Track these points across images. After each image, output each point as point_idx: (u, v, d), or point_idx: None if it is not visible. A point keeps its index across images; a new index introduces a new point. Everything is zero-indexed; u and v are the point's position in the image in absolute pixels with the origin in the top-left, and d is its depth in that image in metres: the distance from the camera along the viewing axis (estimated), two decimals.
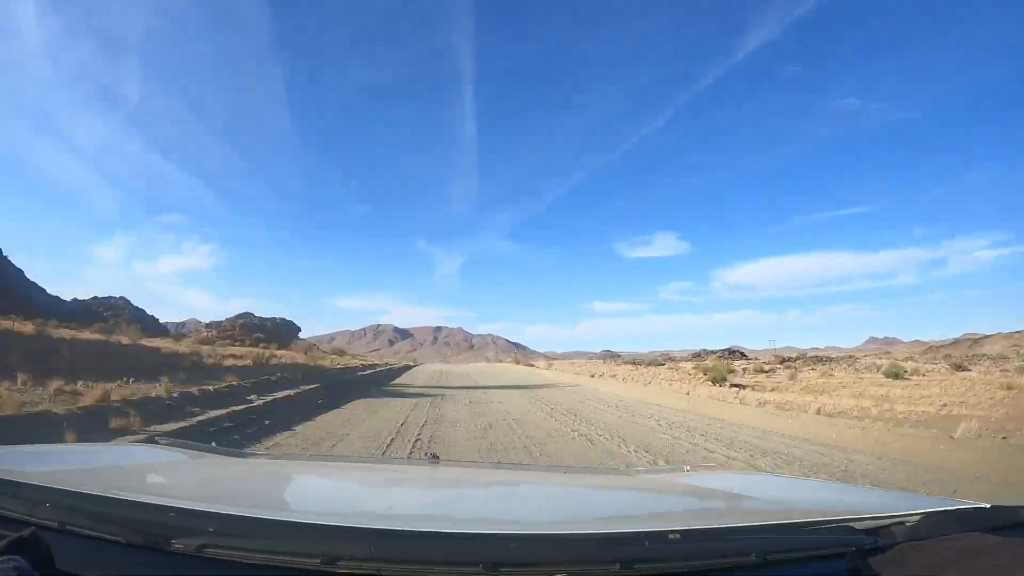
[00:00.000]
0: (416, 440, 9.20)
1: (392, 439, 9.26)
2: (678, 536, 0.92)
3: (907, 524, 1.01)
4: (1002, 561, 0.85)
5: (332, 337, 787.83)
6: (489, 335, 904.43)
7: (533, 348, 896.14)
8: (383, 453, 6.93)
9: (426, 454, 2.18)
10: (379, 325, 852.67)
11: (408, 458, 5.75)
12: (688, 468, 2.14)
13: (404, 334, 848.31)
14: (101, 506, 0.96)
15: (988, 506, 1.10)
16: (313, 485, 1.66)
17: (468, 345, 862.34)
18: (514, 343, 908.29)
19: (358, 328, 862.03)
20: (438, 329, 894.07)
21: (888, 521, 1.02)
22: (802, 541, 0.97)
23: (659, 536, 0.92)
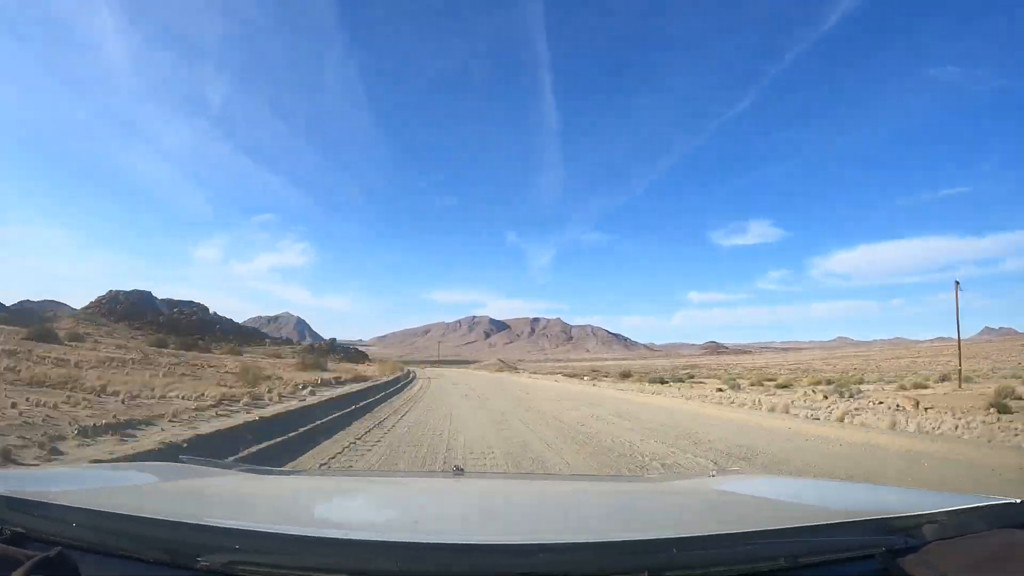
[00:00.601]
0: None
1: None
2: (706, 542, 0.92)
3: (937, 522, 0.99)
4: None
5: (427, 330, 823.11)
6: (588, 326, 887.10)
7: (635, 339, 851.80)
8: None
9: (451, 467, 2.15)
10: (474, 317, 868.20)
11: (432, 471, 5.79)
12: (714, 473, 2.11)
13: (500, 326, 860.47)
14: (127, 525, 0.96)
15: (1019, 501, 1.08)
16: (338, 500, 1.66)
17: (567, 337, 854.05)
18: (615, 334, 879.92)
19: (453, 320, 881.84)
20: (535, 321, 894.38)
21: (917, 520, 1.00)
22: (831, 543, 0.96)
23: (687, 543, 0.92)
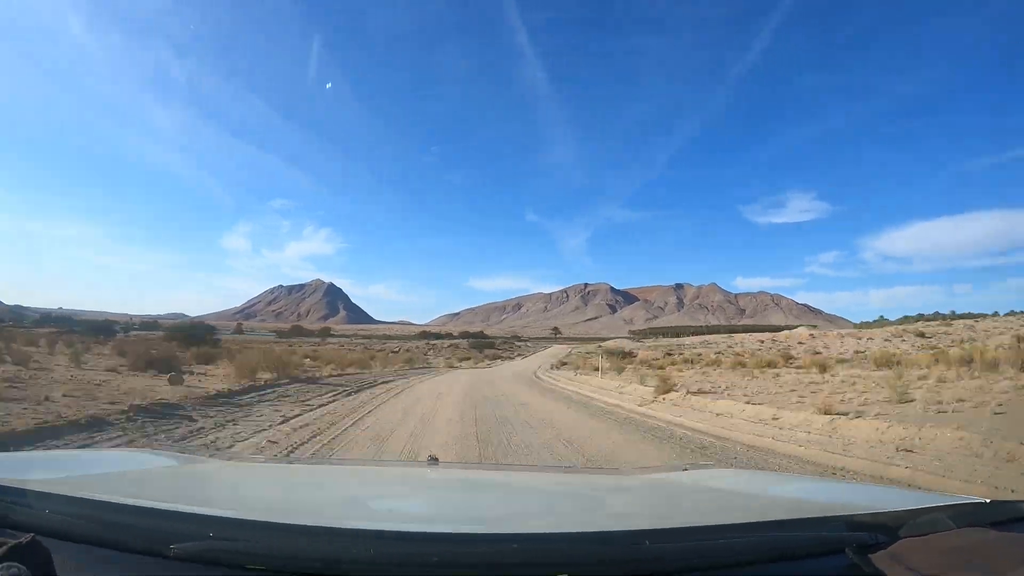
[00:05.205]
0: None
1: None
2: (677, 535, 0.94)
3: (907, 520, 1.00)
4: (1002, 556, 0.84)
5: (518, 304, 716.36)
6: (763, 293, 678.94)
7: (831, 312, 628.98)
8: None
9: (426, 457, 2.17)
10: (587, 285, 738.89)
11: (408, 460, 5.77)
12: (687, 467, 2.13)
13: (628, 298, 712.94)
14: (100, 511, 0.97)
15: (988, 501, 1.11)
16: (312, 488, 1.66)
17: (736, 309, 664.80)
18: (803, 304, 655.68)
19: (556, 290, 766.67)
20: (678, 288, 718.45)
21: (888, 517, 1.02)
22: (801, 538, 0.97)
23: (660, 534, 0.93)
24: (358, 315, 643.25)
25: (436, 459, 2.12)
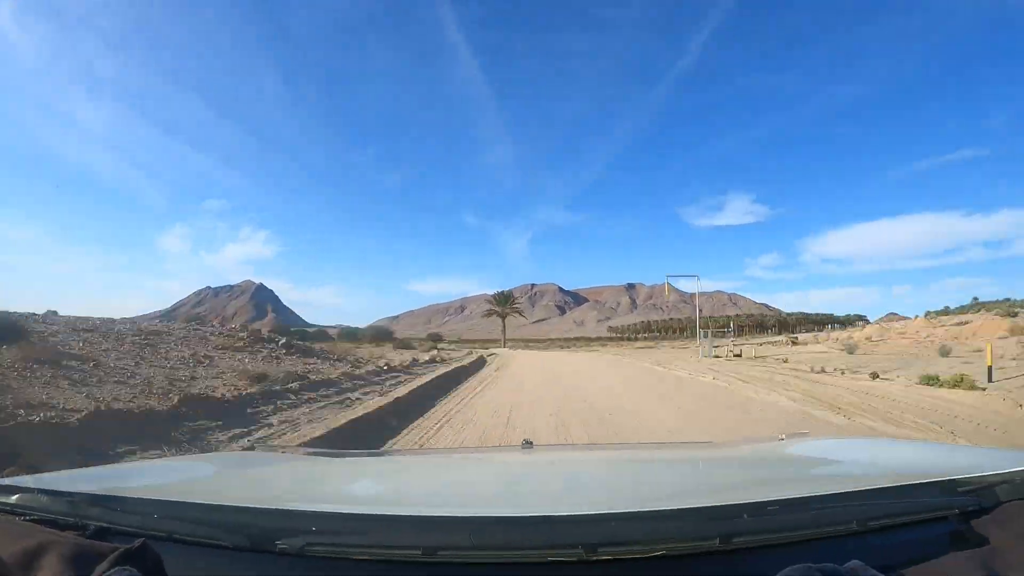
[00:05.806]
0: None
1: None
2: (776, 507, 0.91)
3: (1011, 482, 0.95)
4: None
5: (462, 306, 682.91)
6: (720, 292, 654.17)
7: (776, 305, 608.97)
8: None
9: (520, 441, 2.16)
10: (533, 286, 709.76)
11: (502, 445, 5.75)
12: (783, 437, 2.07)
13: (578, 299, 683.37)
14: (205, 513, 1.00)
15: None
16: (409, 478, 1.70)
17: (692, 308, 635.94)
18: (763, 304, 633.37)
19: (495, 292, 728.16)
20: (631, 287, 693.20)
21: (991, 480, 0.97)
22: (902, 505, 0.94)
23: (757, 508, 0.90)
24: (288, 317, 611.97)
25: (531, 443, 2.12)
